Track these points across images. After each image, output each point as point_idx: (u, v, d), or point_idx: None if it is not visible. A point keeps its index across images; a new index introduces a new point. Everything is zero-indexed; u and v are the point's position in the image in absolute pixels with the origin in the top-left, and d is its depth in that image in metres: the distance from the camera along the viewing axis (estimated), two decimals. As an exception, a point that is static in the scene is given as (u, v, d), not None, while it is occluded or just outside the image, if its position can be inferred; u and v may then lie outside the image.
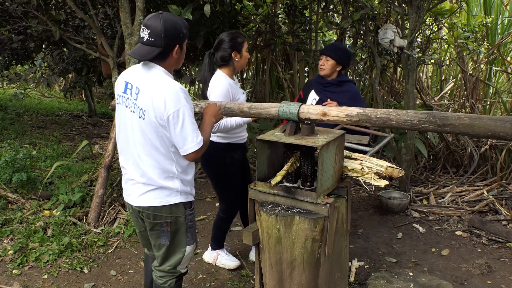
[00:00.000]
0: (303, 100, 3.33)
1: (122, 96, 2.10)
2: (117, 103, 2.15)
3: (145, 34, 1.97)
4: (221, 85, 2.84)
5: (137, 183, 2.13)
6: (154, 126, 1.99)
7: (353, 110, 2.10)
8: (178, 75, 5.78)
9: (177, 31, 1.99)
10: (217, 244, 3.34)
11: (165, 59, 2.03)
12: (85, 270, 3.25)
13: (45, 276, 3.17)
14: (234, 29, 5.44)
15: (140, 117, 2.02)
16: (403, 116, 1.98)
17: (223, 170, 3.02)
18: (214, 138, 2.98)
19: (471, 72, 5.61)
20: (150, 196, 2.11)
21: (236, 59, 2.92)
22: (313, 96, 3.28)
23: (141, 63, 2.08)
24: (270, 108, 2.33)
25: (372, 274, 2.89)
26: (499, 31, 5.85)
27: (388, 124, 2.03)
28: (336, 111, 2.14)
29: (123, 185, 2.25)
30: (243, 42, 2.92)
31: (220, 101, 2.61)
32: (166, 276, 2.28)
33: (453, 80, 6.27)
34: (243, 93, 3.05)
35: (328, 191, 2.20)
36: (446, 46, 6.28)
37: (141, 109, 2.01)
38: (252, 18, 6.15)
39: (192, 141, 2.00)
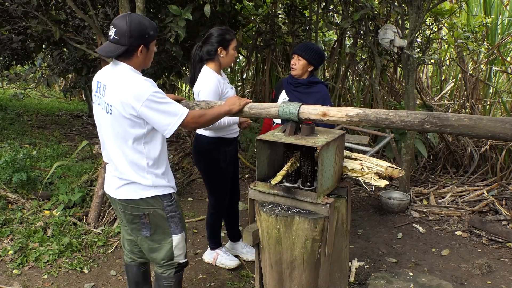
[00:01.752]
0: (275, 100, 3.32)
1: (95, 95, 2.18)
2: (93, 102, 2.23)
3: (112, 32, 2.04)
4: (210, 82, 2.84)
5: (114, 176, 2.21)
6: (122, 120, 2.05)
7: (353, 110, 2.10)
8: (178, 75, 5.78)
9: (143, 32, 2.05)
10: (215, 243, 3.35)
11: (130, 58, 2.09)
12: (85, 270, 3.26)
13: (45, 276, 3.18)
14: (235, 29, 5.44)
15: (107, 112, 2.09)
16: (403, 116, 1.97)
17: (215, 164, 3.03)
18: (205, 132, 3.00)
19: (471, 72, 5.61)
20: (125, 189, 2.18)
21: (222, 55, 2.91)
22: (283, 96, 3.26)
23: (111, 62, 2.16)
24: (270, 108, 2.33)
25: (372, 274, 2.89)
26: (499, 31, 5.85)
27: (388, 124, 2.03)
28: (336, 111, 2.14)
29: (105, 176, 2.33)
30: (231, 39, 2.90)
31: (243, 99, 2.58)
32: (164, 267, 2.33)
33: (453, 80, 6.27)
34: (232, 88, 3.05)
35: (328, 191, 2.20)
36: (446, 46, 6.28)
37: (108, 104, 2.07)
38: (252, 18, 6.15)
39: (172, 119, 2.04)
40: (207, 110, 2.26)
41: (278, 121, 3.17)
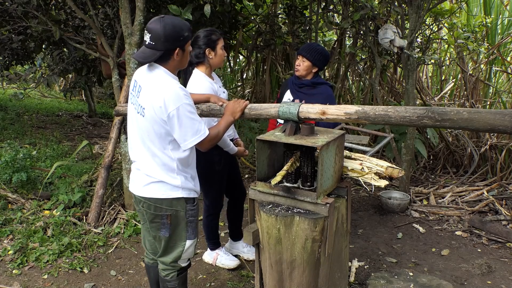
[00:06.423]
0: (280, 99, 3.32)
1: (131, 93, 2.23)
2: (129, 100, 2.28)
3: (147, 38, 2.05)
4: (203, 86, 2.83)
5: (141, 174, 2.22)
6: (152, 123, 2.08)
7: (352, 108, 2.11)
8: (178, 75, 5.78)
9: (178, 35, 2.05)
10: (214, 244, 3.35)
11: (167, 61, 2.12)
12: (85, 270, 3.26)
13: (45, 276, 3.17)
14: (235, 29, 5.45)
15: (139, 113, 2.13)
16: (402, 112, 1.97)
17: (209, 167, 3.03)
18: None
19: (471, 72, 5.61)
20: (152, 187, 2.19)
21: (210, 57, 2.88)
22: (288, 96, 3.25)
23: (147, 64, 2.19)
24: (270, 108, 2.33)
25: (372, 274, 2.89)
26: (499, 31, 5.85)
27: (387, 121, 2.02)
28: (334, 110, 2.14)
29: (130, 175, 2.35)
30: (217, 39, 2.87)
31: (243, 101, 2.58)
32: (168, 269, 2.36)
33: (453, 80, 6.27)
34: (224, 92, 3.04)
35: (328, 191, 2.20)
36: (446, 46, 6.28)
37: (141, 106, 2.11)
38: (252, 18, 6.15)
39: (192, 136, 2.10)
40: (219, 127, 2.29)
41: (281, 121, 3.17)
